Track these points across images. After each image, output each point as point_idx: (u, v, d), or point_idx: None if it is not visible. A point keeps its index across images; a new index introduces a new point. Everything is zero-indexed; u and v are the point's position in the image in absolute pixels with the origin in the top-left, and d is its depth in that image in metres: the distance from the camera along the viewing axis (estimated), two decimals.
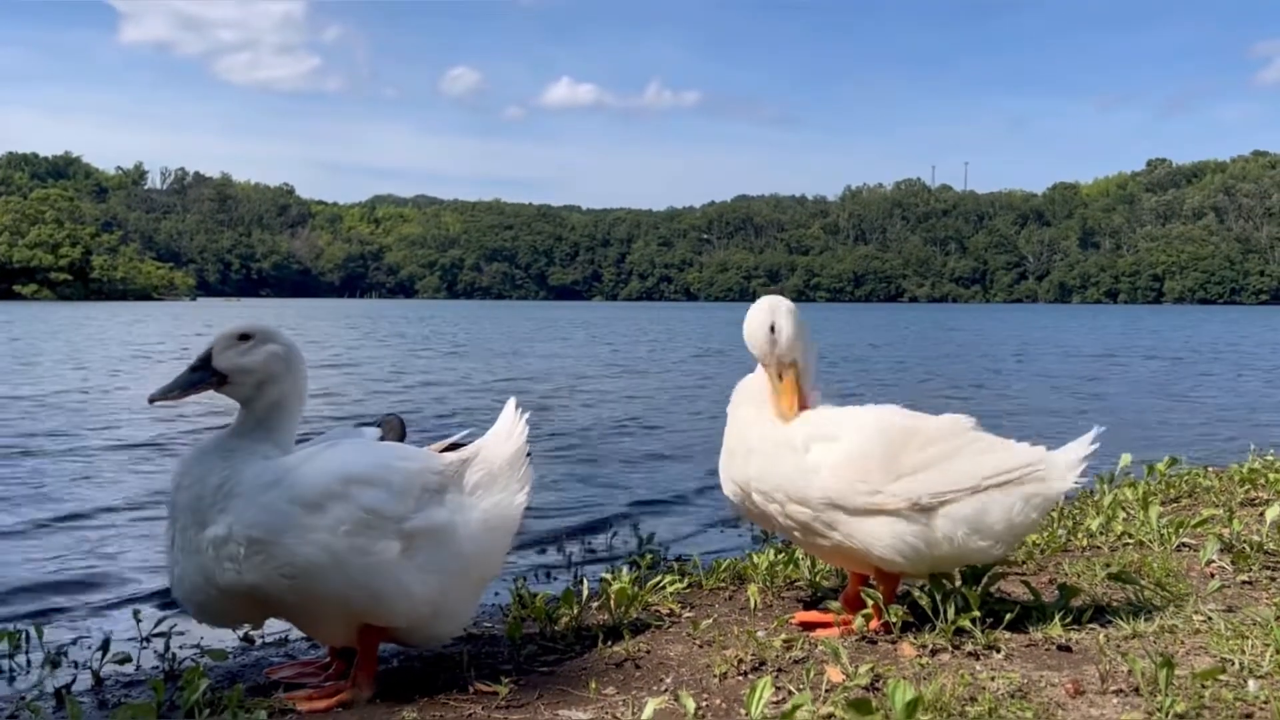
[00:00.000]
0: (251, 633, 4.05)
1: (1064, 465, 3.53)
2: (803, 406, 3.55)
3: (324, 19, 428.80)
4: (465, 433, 3.50)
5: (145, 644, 4.02)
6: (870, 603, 3.53)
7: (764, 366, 3.55)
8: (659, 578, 4.25)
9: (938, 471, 3.41)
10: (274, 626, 3.94)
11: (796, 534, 3.53)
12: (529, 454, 3.39)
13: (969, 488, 3.40)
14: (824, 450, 3.43)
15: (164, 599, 4.99)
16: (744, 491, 3.57)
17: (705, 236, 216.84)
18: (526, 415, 3.43)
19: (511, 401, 3.47)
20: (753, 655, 3.30)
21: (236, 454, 3.04)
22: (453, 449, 3.37)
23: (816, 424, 3.51)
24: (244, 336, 3.11)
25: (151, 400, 3.07)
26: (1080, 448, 3.57)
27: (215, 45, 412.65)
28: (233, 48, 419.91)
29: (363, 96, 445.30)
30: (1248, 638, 3.30)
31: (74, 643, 4.19)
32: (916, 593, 3.58)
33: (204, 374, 3.08)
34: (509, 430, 3.39)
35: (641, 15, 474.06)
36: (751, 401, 3.61)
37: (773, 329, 3.50)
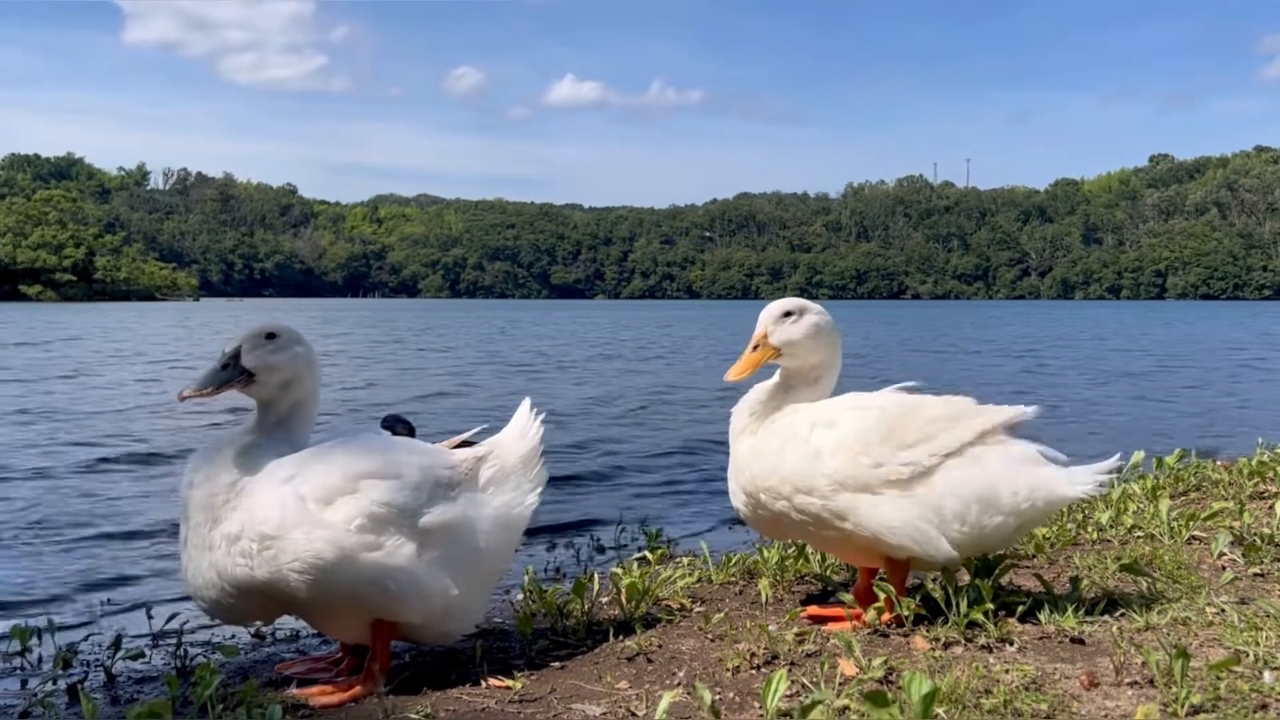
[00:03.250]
0: (262, 629, 4.06)
1: (1079, 473, 3.53)
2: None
3: (332, 18, 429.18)
4: (478, 429, 3.50)
5: (156, 641, 4.03)
6: (882, 596, 3.53)
7: (755, 335, 3.58)
8: (669, 572, 4.25)
9: (938, 440, 3.44)
10: (285, 623, 3.95)
11: (810, 528, 3.52)
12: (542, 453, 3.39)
13: (964, 443, 3.44)
14: (825, 434, 3.46)
15: (175, 596, 4.99)
16: (753, 497, 3.56)
17: (708, 234, 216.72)
18: (541, 416, 3.42)
19: (526, 401, 3.47)
20: (765, 649, 3.29)
21: (252, 452, 3.05)
22: (464, 446, 3.38)
23: (816, 412, 3.54)
24: (270, 336, 3.14)
25: (182, 397, 3.08)
26: (1103, 467, 3.58)
27: (222, 45, 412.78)
28: (239, 48, 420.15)
29: (367, 96, 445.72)
30: (1261, 629, 3.30)
31: (86, 640, 4.19)
32: (929, 585, 3.57)
33: (233, 371, 3.10)
34: (523, 429, 3.39)
35: (646, 13, 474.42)
36: (751, 414, 3.63)
37: (789, 315, 3.55)
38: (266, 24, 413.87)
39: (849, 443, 3.41)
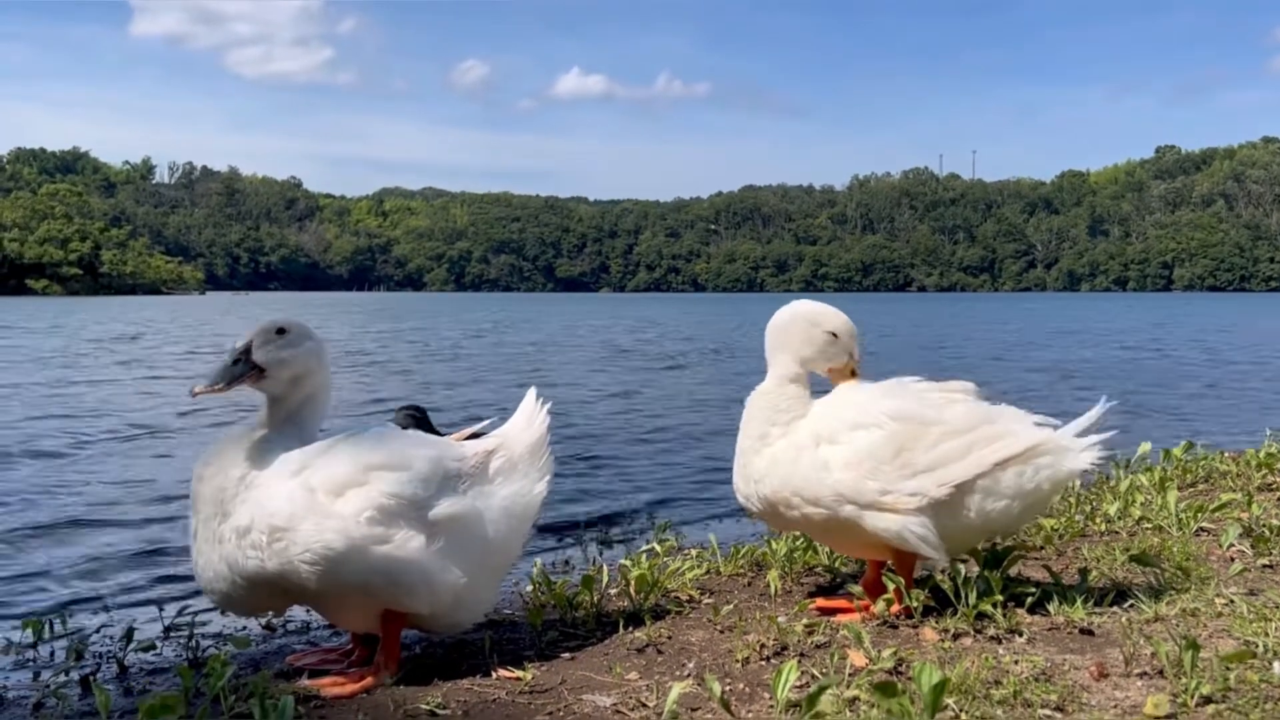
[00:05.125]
0: (273, 621, 4.07)
1: (1074, 443, 3.53)
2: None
3: (340, 11, 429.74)
4: (488, 421, 3.51)
5: (168, 634, 4.04)
6: (891, 587, 3.53)
7: (855, 356, 3.67)
8: (678, 564, 4.26)
9: (948, 470, 3.41)
10: (296, 615, 3.97)
11: (819, 532, 3.57)
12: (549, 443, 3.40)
13: (977, 474, 3.42)
14: (832, 450, 3.45)
15: (186, 589, 5.01)
16: (771, 507, 3.57)
17: (713, 227, 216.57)
18: (547, 405, 3.43)
19: (532, 391, 3.48)
20: (774, 640, 3.30)
21: (261, 446, 3.07)
22: (474, 438, 3.38)
23: (825, 421, 3.52)
24: (281, 331, 3.14)
25: (194, 393, 3.08)
26: (1085, 422, 3.57)
27: (229, 38, 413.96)
28: (246, 41, 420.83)
29: (373, 89, 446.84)
30: (1271, 620, 3.29)
31: (97, 632, 4.21)
32: (938, 576, 3.58)
33: (244, 367, 3.10)
34: (529, 419, 3.39)
35: (652, 7, 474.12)
36: (761, 416, 3.61)
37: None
38: (274, 17, 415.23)
39: (858, 461, 3.40)
